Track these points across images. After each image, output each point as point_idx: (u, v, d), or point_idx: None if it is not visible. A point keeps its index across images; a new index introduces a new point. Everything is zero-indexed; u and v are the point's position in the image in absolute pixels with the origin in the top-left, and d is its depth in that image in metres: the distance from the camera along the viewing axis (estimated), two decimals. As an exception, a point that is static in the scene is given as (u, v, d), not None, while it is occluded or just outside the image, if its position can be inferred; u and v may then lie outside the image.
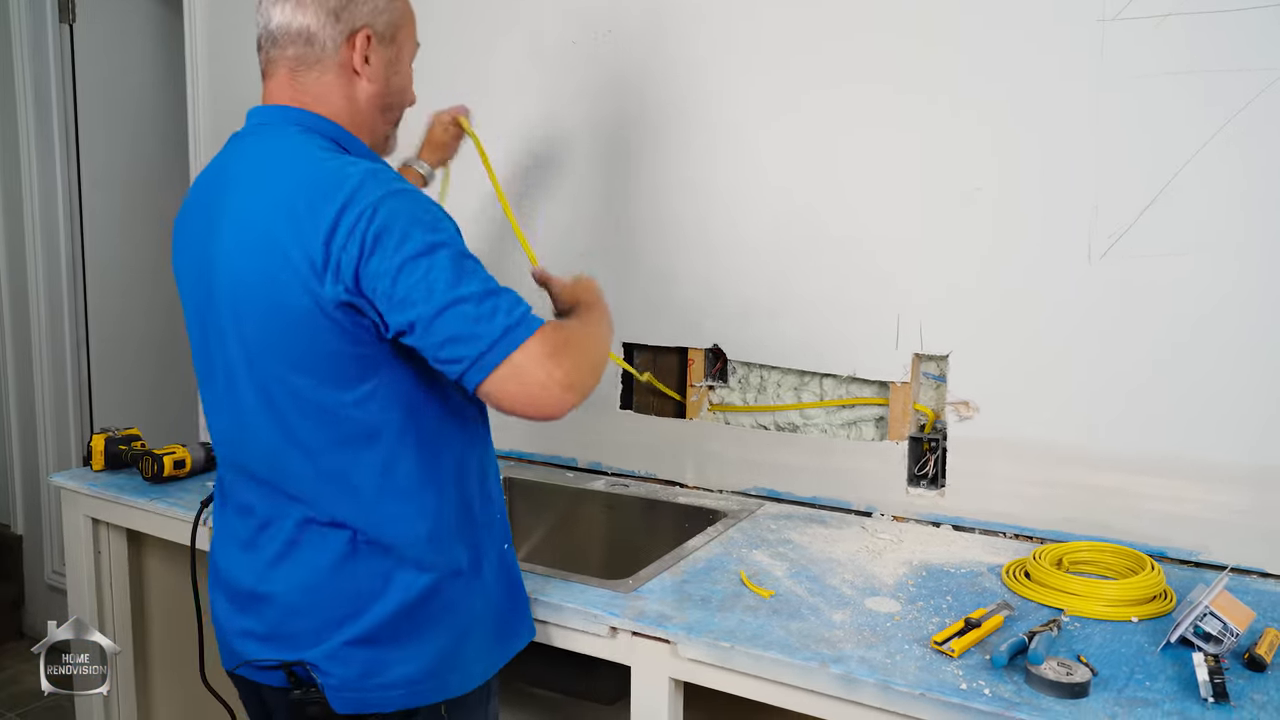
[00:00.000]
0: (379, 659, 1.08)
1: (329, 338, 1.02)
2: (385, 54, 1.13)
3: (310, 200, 1.00)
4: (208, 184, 1.16)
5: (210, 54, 2.55)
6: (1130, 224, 1.43)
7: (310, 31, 1.08)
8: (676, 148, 1.83)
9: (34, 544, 3.23)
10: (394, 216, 0.99)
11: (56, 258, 3.07)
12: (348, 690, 1.08)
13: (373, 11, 1.11)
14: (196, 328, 1.15)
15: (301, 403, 1.06)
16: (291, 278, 1.00)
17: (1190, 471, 1.42)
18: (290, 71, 1.10)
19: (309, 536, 1.09)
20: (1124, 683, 1.03)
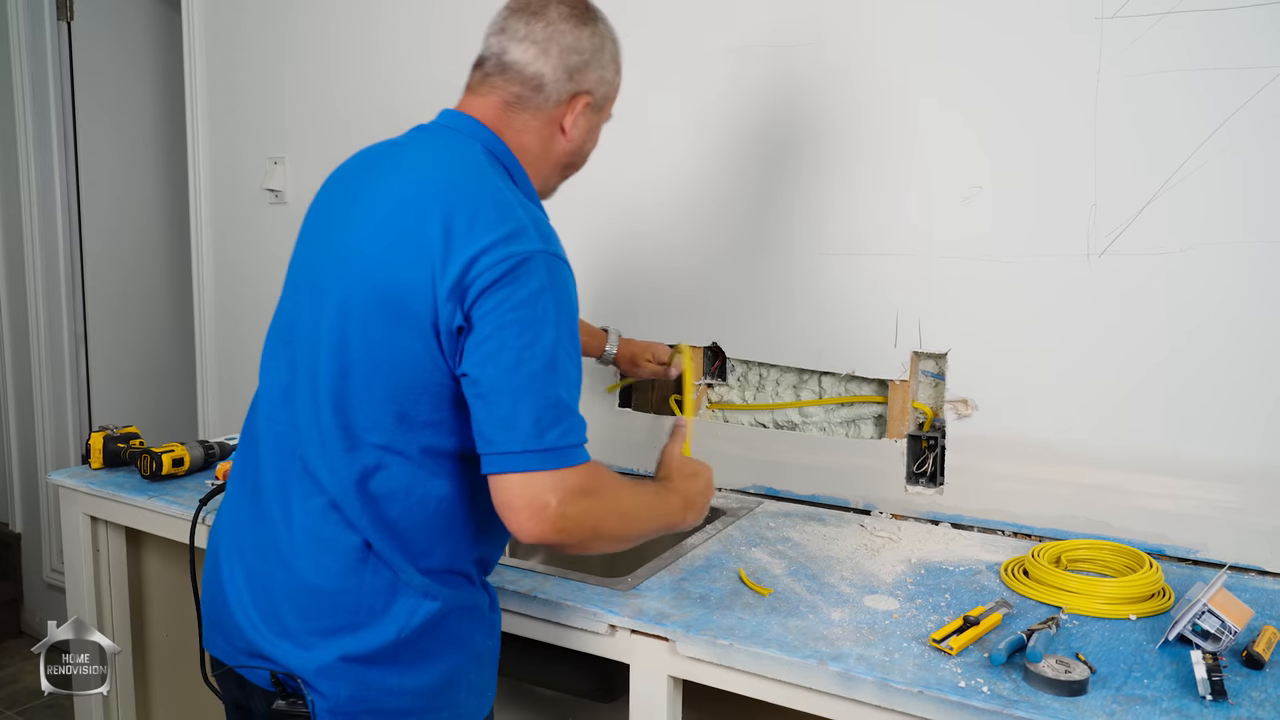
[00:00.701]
0: (373, 683, 1.04)
1: (422, 346, 1.01)
2: (590, 120, 1.18)
3: (474, 218, 1.00)
4: (371, 158, 1.17)
5: (208, 51, 2.55)
6: (1129, 222, 1.43)
7: (543, 80, 1.12)
8: (673, 149, 1.83)
9: (32, 542, 3.23)
10: (536, 275, 0.99)
11: (55, 256, 3.07)
12: (336, 713, 1.04)
13: (598, 80, 1.15)
14: (297, 290, 1.15)
15: (371, 396, 1.03)
16: (420, 276, 0.99)
17: (1189, 469, 1.42)
18: (504, 103, 1.13)
19: (329, 528, 1.05)
20: (1122, 680, 1.03)
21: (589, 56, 1.13)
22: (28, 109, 3.00)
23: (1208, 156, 1.38)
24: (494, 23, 1.15)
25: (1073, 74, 1.45)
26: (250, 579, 1.10)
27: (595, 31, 1.15)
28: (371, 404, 1.03)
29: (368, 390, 1.03)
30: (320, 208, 1.19)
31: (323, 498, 1.05)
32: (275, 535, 1.08)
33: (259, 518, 1.11)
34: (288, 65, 2.39)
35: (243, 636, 1.10)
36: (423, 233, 1.00)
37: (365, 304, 1.03)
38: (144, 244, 3.27)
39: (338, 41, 2.30)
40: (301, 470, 1.07)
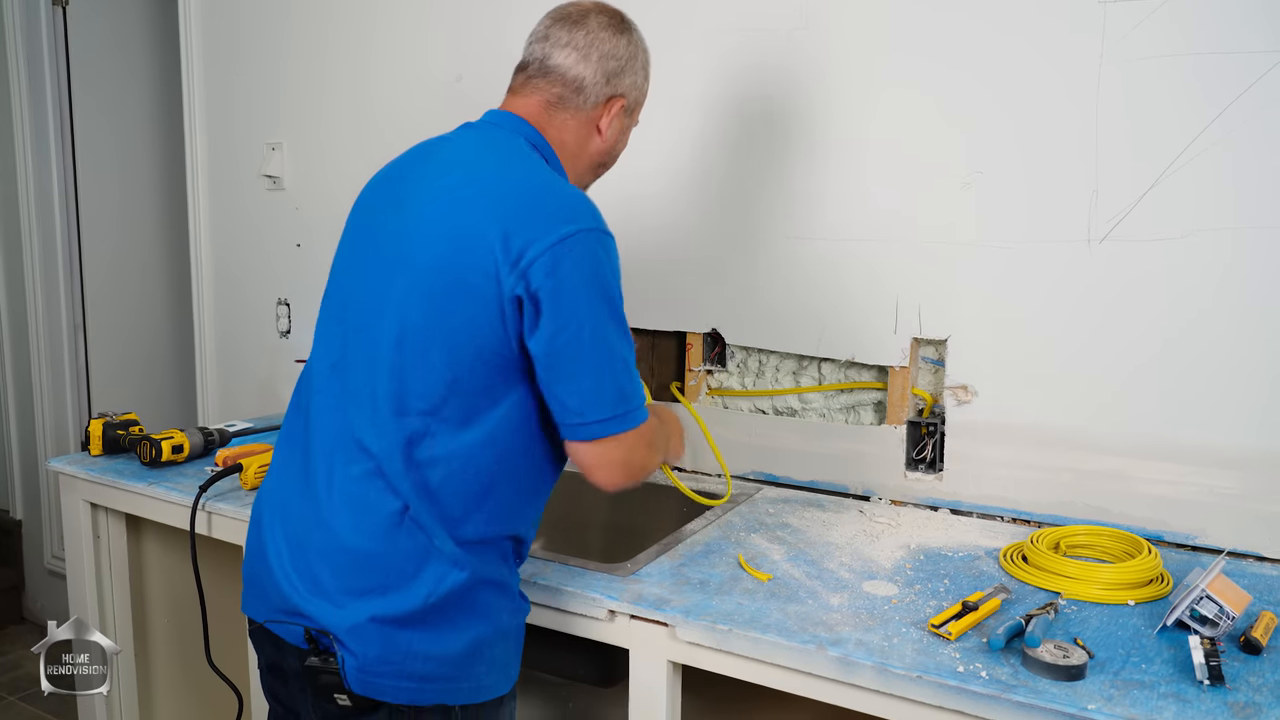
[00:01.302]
0: (400, 645, 1.08)
1: (484, 316, 1.06)
2: (623, 123, 1.28)
3: (529, 199, 1.09)
4: (424, 152, 1.23)
5: (205, 36, 2.53)
6: (1131, 207, 1.43)
7: (584, 82, 1.21)
8: (675, 137, 1.82)
9: (33, 529, 3.24)
10: (593, 250, 1.08)
11: (53, 242, 3.06)
12: (364, 671, 1.08)
13: (633, 85, 1.26)
14: (350, 270, 1.20)
15: (428, 363, 1.08)
16: (486, 261, 1.05)
17: (1187, 455, 1.42)
18: (546, 102, 1.22)
19: (371, 493, 1.09)
20: (1120, 665, 1.04)
21: (625, 63, 1.23)
22: (23, 96, 2.99)
23: (1209, 142, 1.37)
24: (536, 31, 1.24)
25: (1075, 59, 1.45)
26: (290, 540, 1.15)
27: (630, 40, 1.24)
28: (427, 370, 1.08)
29: (425, 358, 1.08)
30: (374, 197, 1.24)
31: (369, 463, 1.10)
32: (318, 499, 1.13)
33: (304, 482, 1.15)
34: (285, 50, 2.38)
35: (280, 595, 1.14)
36: (483, 211, 1.08)
37: (429, 279, 1.08)
38: (142, 231, 3.26)
39: (336, 26, 2.28)
40: (350, 438, 1.12)
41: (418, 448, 1.09)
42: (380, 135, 2.20)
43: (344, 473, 1.11)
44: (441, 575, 1.09)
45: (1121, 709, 0.94)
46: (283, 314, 2.47)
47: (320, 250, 1.36)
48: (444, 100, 2.06)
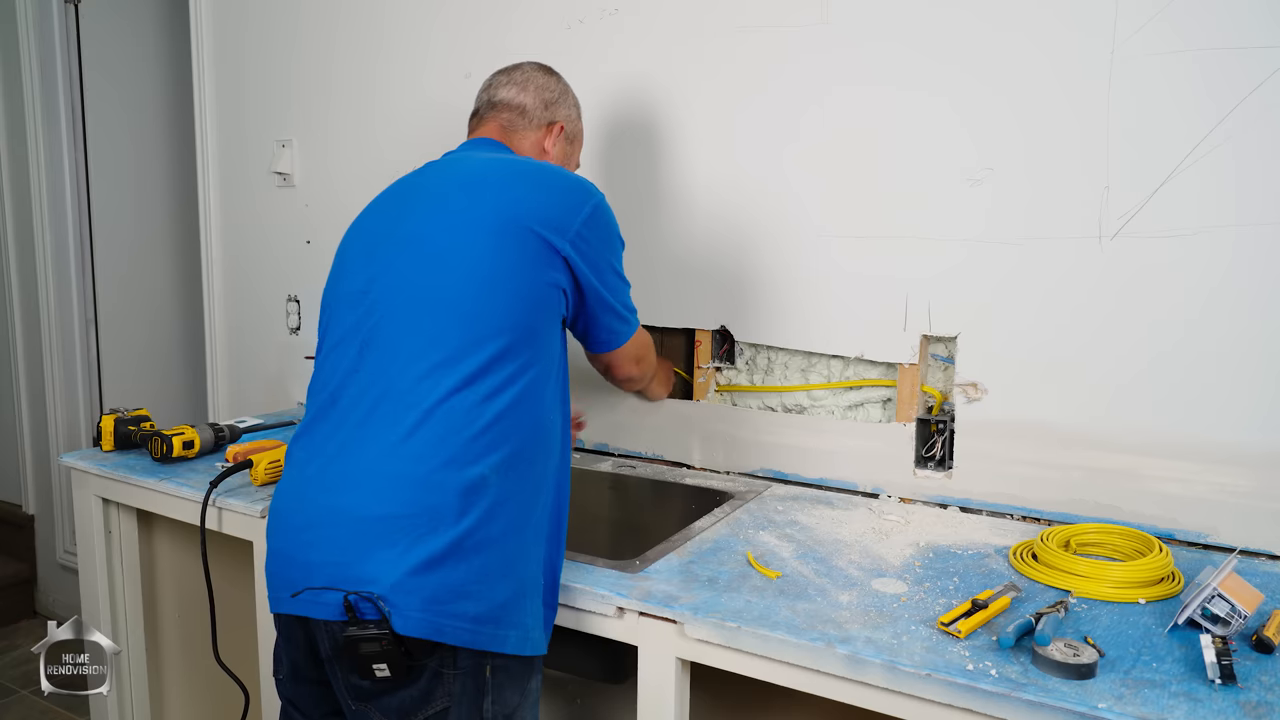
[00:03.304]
0: (447, 586, 1.10)
1: (548, 272, 1.25)
2: (565, 149, 1.53)
3: (565, 191, 1.31)
4: (424, 170, 1.39)
5: (216, 33, 2.54)
6: (1142, 204, 1.42)
7: (526, 107, 1.49)
8: (686, 132, 1.82)
9: (46, 523, 3.26)
10: (605, 214, 1.34)
11: (64, 238, 3.07)
12: (417, 612, 1.09)
13: (568, 117, 1.54)
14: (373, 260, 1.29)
15: (494, 304, 1.21)
16: (537, 223, 1.24)
17: (1199, 453, 1.41)
18: (501, 127, 1.48)
19: (415, 445, 1.15)
20: (1131, 664, 1.03)
21: (556, 95, 1.52)
22: (36, 93, 3.00)
23: (1222, 137, 1.36)
24: (482, 87, 1.52)
25: (1086, 54, 1.44)
26: (321, 516, 1.16)
27: (559, 80, 1.54)
28: (493, 311, 1.20)
29: (492, 300, 1.21)
30: (380, 210, 1.36)
31: (415, 412, 1.15)
32: (356, 465, 1.17)
33: (340, 455, 1.18)
34: (295, 48, 2.38)
35: (309, 576, 1.14)
36: (520, 185, 1.29)
37: (491, 239, 1.23)
38: (153, 227, 3.28)
39: (344, 24, 2.29)
40: (392, 401, 1.17)
41: (472, 392, 1.16)
42: (388, 133, 2.21)
43: (390, 433, 1.16)
44: (489, 509, 1.13)
45: (1132, 708, 0.93)
46: (292, 310, 2.48)
47: (330, 247, 1.37)
48: (451, 98, 2.06)
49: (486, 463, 1.15)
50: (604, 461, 1.89)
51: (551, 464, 1.25)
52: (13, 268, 3.20)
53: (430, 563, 1.10)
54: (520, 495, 1.18)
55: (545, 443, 1.24)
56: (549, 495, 1.24)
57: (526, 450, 1.20)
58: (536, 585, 1.20)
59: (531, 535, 1.20)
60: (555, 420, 1.26)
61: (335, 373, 1.24)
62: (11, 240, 3.18)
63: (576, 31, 1.91)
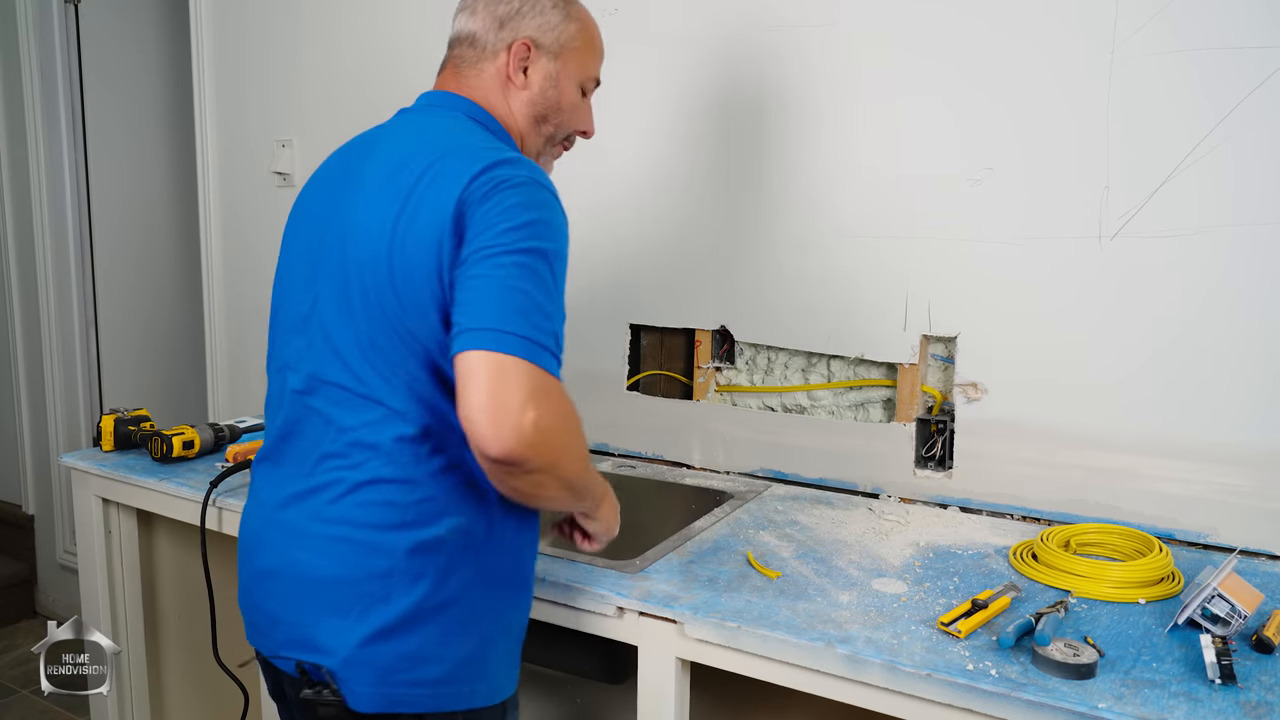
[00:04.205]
0: (403, 655, 1.03)
1: (434, 296, 1.00)
2: (548, 69, 1.17)
3: (463, 154, 1.02)
4: (357, 146, 1.18)
5: (216, 33, 2.54)
6: (1143, 204, 1.42)
7: (475, 35, 1.17)
8: (683, 133, 1.82)
9: (45, 523, 3.26)
10: (524, 189, 0.99)
11: (64, 239, 3.07)
12: (368, 686, 1.03)
13: (541, 27, 1.16)
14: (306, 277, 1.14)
15: (378, 340, 1.03)
16: (426, 232, 0.99)
17: (1198, 453, 1.41)
18: (455, 68, 1.18)
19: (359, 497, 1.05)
20: (1131, 664, 1.03)
21: (520, 6, 1.16)
22: (36, 93, 3.00)
23: (1223, 137, 1.36)
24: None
25: (1085, 54, 1.44)
26: (278, 567, 1.10)
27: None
28: (379, 357, 1.04)
29: (373, 350, 1.04)
30: (315, 193, 1.20)
31: (362, 469, 1.05)
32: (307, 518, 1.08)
33: (293, 503, 1.10)
34: (295, 48, 2.38)
35: (273, 628, 1.10)
36: (420, 175, 1.02)
37: (376, 288, 1.03)
38: (153, 227, 3.28)
39: (345, 23, 2.29)
40: (340, 453, 1.06)
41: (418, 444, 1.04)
42: (389, 132, 2.20)
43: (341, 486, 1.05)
44: (444, 569, 1.03)
45: (1132, 708, 0.93)
46: (292, 310, 2.48)
47: (330, 247, 1.38)
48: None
49: (443, 523, 1.04)
50: (604, 461, 1.89)
51: (509, 505, 1.09)
52: (13, 268, 3.20)
53: (383, 633, 1.02)
54: (479, 546, 1.07)
55: None
56: (508, 535, 1.11)
57: (483, 497, 1.06)
58: (504, 631, 1.11)
59: (496, 583, 1.09)
60: None
61: (284, 403, 1.13)
62: (11, 240, 3.18)
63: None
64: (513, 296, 0.94)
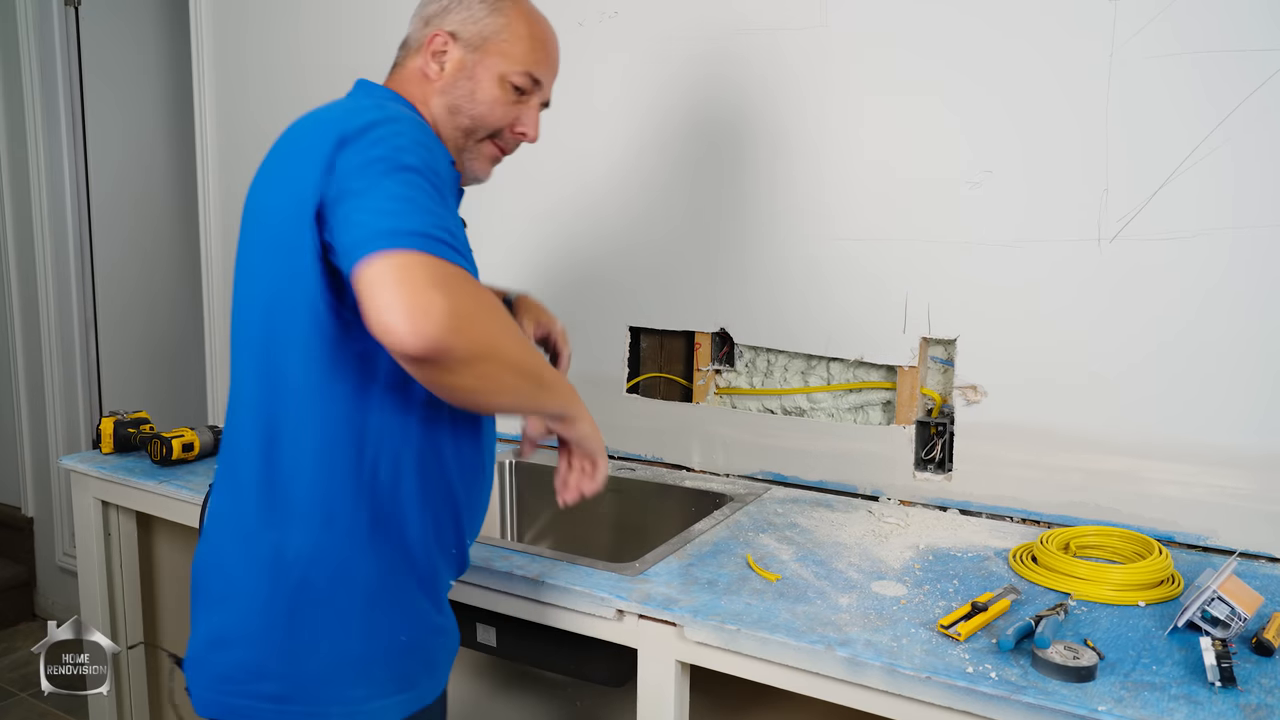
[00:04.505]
0: (242, 665, 0.99)
1: (320, 299, 0.96)
2: (462, 58, 1.14)
3: (321, 130, 0.97)
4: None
5: (216, 34, 2.54)
6: (1141, 206, 1.42)
7: (408, 39, 1.19)
8: (684, 136, 1.82)
9: (45, 526, 3.25)
10: (393, 126, 0.95)
11: (64, 241, 3.07)
12: (206, 691, 1.01)
13: (463, 20, 1.14)
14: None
15: (269, 332, 0.99)
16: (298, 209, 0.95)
17: (1198, 455, 1.41)
18: (390, 72, 1.21)
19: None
20: (1131, 666, 1.03)
21: (448, 3, 1.15)
22: (36, 96, 3.00)
23: (1222, 139, 1.36)
24: None
25: (1084, 57, 1.44)
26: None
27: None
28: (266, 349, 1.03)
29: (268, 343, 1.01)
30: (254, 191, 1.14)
31: (244, 468, 1.04)
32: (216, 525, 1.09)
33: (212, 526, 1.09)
34: (295, 47, 2.39)
35: None
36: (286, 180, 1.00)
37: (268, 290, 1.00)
38: (153, 229, 3.28)
39: (344, 21, 2.29)
40: (238, 464, 1.05)
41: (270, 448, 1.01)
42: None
43: (235, 488, 1.05)
44: (295, 582, 0.99)
45: (1132, 710, 0.93)
46: (292, 313, 2.48)
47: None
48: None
49: (290, 524, 0.99)
50: (604, 464, 1.89)
51: (389, 515, 1.03)
52: (12, 270, 3.20)
53: (222, 639, 1.00)
54: (338, 561, 1.00)
55: (374, 494, 1.01)
56: (384, 556, 1.03)
57: (347, 501, 1.00)
58: (378, 653, 1.02)
59: (359, 604, 1.01)
60: (389, 467, 1.01)
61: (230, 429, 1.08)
62: (11, 242, 3.18)
63: (575, 34, 1.91)
64: (395, 202, 0.87)
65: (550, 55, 1.18)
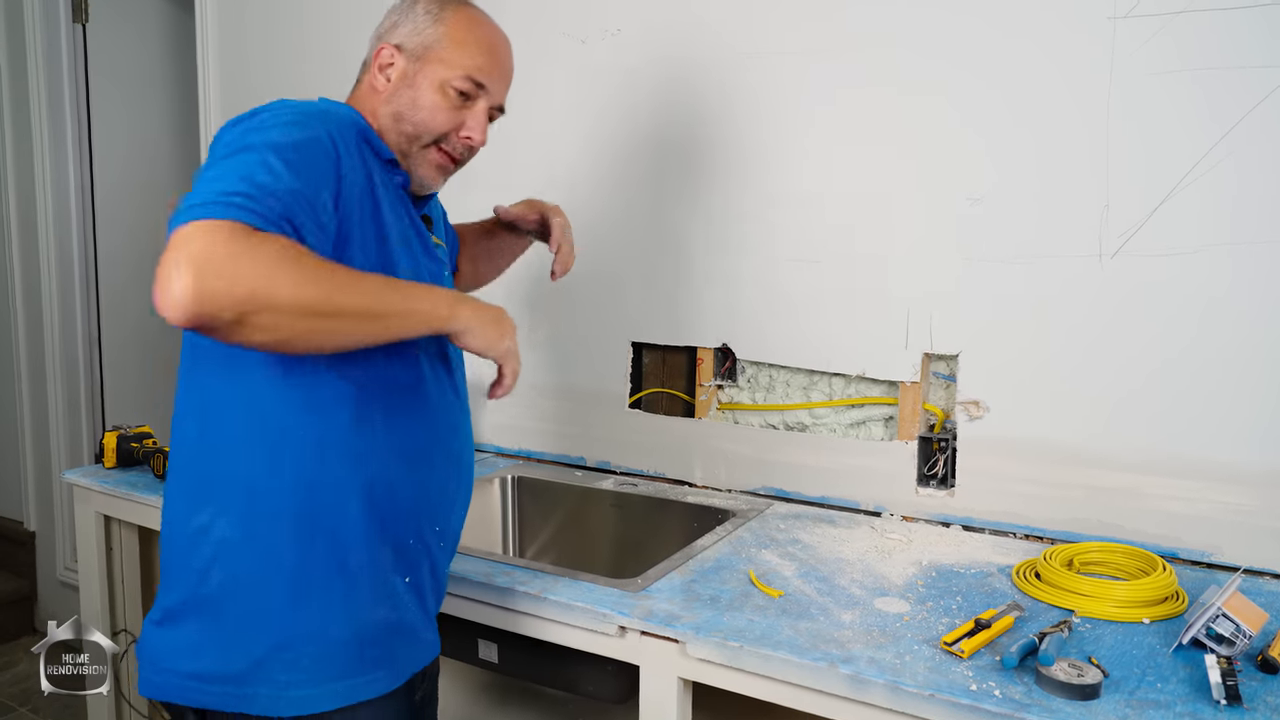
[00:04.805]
0: (175, 645, 1.04)
1: None
2: (404, 68, 1.16)
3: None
4: None
5: (221, 52, 2.56)
6: (1143, 222, 1.43)
7: (366, 58, 1.21)
8: (685, 151, 1.83)
9: (46, 540, 3.25)
10: (241, 116, 1.01)
11: (69, 257, 3.09)
12: (147, 671, 1.06)
13: (410, 32, 1.16)
14: None
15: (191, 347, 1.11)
16: None
17: (1202, 471, 1.41)
18: (352, 87, 1.22)
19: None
20: (1135, 684, 1.03)
21: (398, 18, 1.18)
22: (43, 111, 3.02)
23: (1223, 155, 1.37)
24: None
25: (1084, 73, 1.45)
26: None
27: (412, 1, 1.19)
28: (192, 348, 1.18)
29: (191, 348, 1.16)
30: None
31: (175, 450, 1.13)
32: None
33: None
34: (301, 64, 2.40)
35: None
36: None
37: None
38: (157, 244, 3.28)
39: (347, 33, 2.30)
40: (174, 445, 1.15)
41: (195, 420, 1.09)
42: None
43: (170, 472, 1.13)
44: (214, 561, 1.03)
45: (1137, 729, 0.93)
46: (295, 327, 2.48)
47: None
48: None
49: (213, 506, 1.03)
50: (606, 479, 1.89)
51: (318, 502, 1.03)
52: (17, 284, 3.21)
53: (164, 619, 1.06)
54: (263, 547, 1.02)
55: (298, 479, 1.02)
56: (311, 545, 1.03)
57: (268, 484, 1.02)
58: (298, 644, 1.03)
59: (283, 591, 1.02)
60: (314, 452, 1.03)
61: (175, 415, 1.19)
62: (16, 257, 3.19)
63: (577, 50, 1.92)
64: (205, 183, 0.91)
65: (495, 60, 1.19)
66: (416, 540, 1.13)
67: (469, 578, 1.33)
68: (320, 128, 1.02)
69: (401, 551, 1.11)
